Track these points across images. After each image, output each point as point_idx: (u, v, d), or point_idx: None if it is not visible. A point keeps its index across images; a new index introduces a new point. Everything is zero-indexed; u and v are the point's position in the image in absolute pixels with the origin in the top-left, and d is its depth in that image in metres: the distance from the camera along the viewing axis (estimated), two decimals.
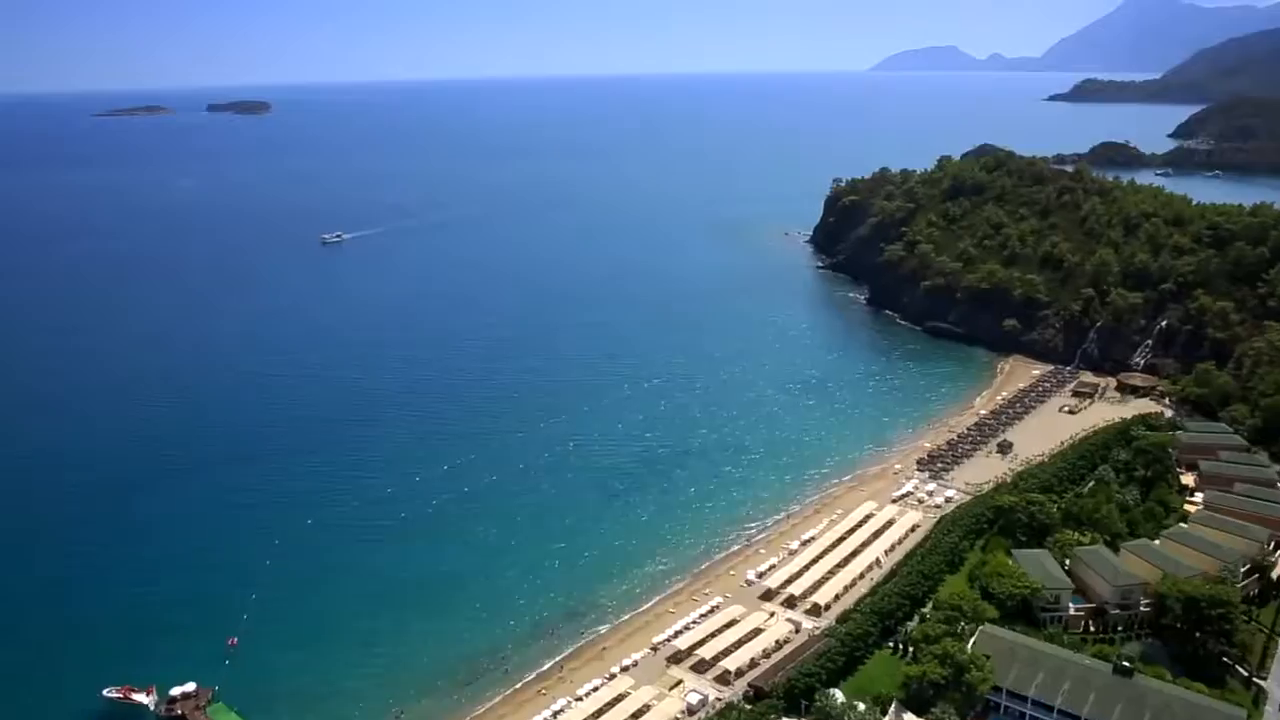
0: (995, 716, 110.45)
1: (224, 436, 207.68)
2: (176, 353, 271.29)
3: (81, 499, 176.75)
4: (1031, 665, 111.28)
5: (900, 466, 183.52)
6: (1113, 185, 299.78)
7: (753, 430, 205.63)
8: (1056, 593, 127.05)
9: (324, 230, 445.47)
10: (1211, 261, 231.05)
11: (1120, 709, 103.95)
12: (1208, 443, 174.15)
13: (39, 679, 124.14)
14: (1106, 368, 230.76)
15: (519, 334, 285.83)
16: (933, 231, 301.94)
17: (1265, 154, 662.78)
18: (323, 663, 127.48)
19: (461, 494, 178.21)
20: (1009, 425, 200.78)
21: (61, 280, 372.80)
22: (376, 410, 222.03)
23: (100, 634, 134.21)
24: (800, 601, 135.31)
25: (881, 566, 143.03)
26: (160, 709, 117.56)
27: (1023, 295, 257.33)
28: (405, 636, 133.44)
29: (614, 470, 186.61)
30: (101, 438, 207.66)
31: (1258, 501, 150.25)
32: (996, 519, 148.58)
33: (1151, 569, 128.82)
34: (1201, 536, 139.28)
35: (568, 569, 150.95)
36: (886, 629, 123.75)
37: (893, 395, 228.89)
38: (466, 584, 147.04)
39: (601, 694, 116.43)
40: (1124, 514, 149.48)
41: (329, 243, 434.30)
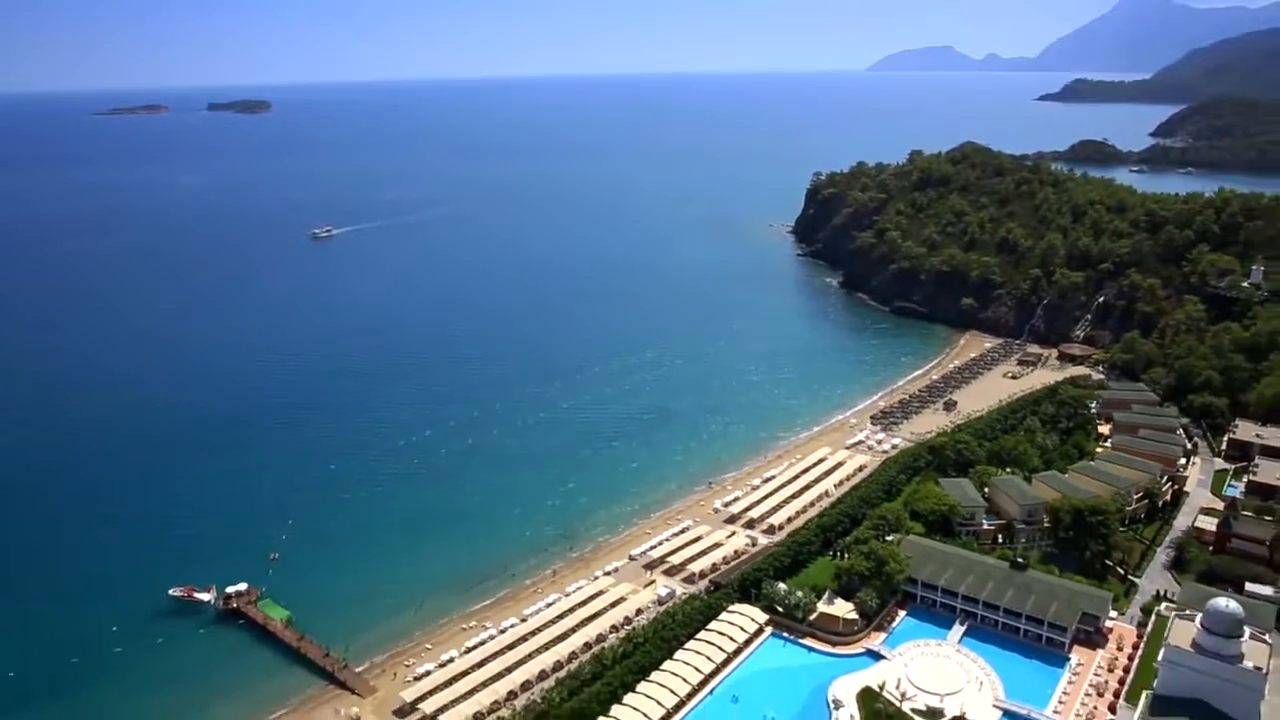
0: (912, 605, 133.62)
1: (251, 405, 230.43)
2: (192, 339, 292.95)
3: (144, 453, 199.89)
4: (943, 563, 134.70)
5: (856, 421, 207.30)
6: (1066, 177, 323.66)
7: (731, 397, 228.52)
8: (972, 510, 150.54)
9: (314, 225, 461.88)
10: (1144, 244, 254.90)
11: (1011, 593, 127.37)
12: (1125, 399, 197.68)
13: (120, 583, 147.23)
14: (1051, 340, 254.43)
15: (517, 319, 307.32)
16: (901, 220, 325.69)
17: (1236, 151, 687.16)
18: (350, 572, 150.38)
19: (466, 446, 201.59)
20: (957, 388, 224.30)
21: (75, 273, 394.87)
22: (381, 382, 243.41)
23: (166, 550, 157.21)
24: (758, 523, 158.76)
25: (830, 497, 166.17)
26: (218, 603, 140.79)
27: (979, 276, 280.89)
28: (420, 554, 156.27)
29: (604, 429, 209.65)
30: (152, 407, 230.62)
31: (1156, 444, 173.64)
32: (931, 457, 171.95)
33: (1055, 493, 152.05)
34: (1103, 469, 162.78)
35: (561, 505, 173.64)
36: (828, 540, 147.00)
37: (858, 366, 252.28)
38: (473, 516, 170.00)
39: (585, 590, 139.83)
40: (1043, 454, 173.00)
41: (319, 237, 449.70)
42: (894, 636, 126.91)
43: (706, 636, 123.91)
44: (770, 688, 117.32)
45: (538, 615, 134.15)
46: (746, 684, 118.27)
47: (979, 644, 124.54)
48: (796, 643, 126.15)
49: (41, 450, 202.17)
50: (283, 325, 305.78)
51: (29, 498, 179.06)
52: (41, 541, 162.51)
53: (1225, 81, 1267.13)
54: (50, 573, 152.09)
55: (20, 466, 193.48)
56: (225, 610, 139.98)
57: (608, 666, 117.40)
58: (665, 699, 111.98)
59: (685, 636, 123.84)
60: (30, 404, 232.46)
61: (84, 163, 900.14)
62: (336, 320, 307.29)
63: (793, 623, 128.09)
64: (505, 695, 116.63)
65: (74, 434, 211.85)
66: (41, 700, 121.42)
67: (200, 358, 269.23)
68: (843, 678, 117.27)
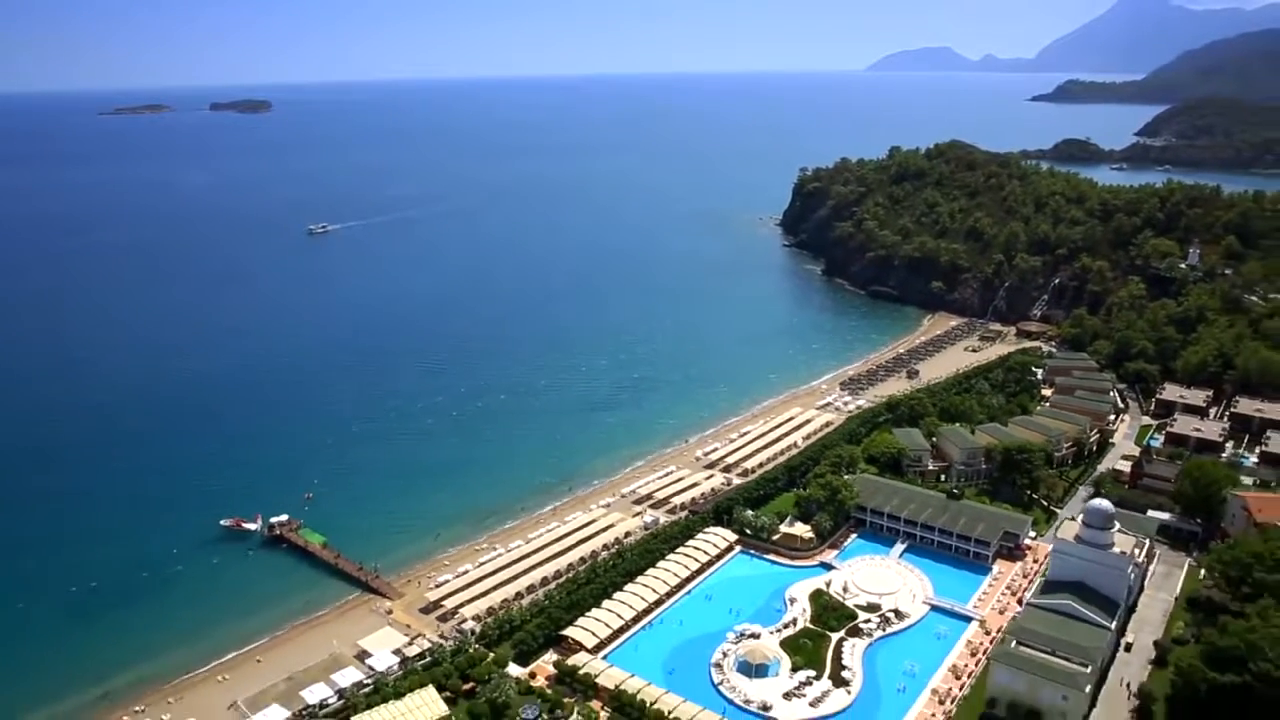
0: (862, 529, 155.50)
1: (273, 376, 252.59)
2: (209, 320, 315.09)
3: (189, 416, 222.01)
4: (890, 494, 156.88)
5: (827, 388, 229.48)
6: (1032, 171, 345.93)
7: (715, 369, 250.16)
8: (918, 453, 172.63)
9: (311, 221, 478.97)
10: (1096, 230, 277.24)
11: (946, 517, 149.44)
12: (1068, 366, 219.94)
13: (177, 516, 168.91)
14: (1011, 319, 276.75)
15: (518, 304, 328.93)
16: (878, 211, 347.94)
17: (1214, 150, 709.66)
18: (375, 510, 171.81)
19: (475, 408, 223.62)
20: (921, 360, 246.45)
21: (100, 261, 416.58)
22: (394, 358, 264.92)
23: (215, 492, 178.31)
24: (734, 467, 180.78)
25: (798, 448, 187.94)
26: (263, 531, 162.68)
27: (948, 262, 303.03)
28: (436, 495, 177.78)
29: (600, 395, 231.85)
30: (190, 377, 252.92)
31: (1089, 402, 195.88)
32: (889, 413, 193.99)
33: (994, 440, 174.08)
34: (1038, 421, 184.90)
35: (561, 456, 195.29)
36: (792, 478, 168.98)
37: (834, 342, 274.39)
38: (482, 465, 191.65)
39: (582, 519, 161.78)
40: (989, 412, 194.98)
41: (315, 233, 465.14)
42: (845, 553, 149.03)
43: (685, 551, 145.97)
44: (738, 590, 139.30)
45: (541, 539, 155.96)
46: (718, 587, 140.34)
47: (916, 558, 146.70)
48: (761, 557, 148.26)
49: (99, 413, 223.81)
50: (296, 310, 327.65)
51: (99, 450, 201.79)
52: (111, 485, 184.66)
53: (1216, 82, 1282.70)
54: (119, 510, 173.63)
55: (86, 427, 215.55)
56: (270, 537, 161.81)
57: (599, 574, 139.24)
58: (648, 596, 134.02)
59: (666, 551, 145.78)
60: (87, 375, 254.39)
61: (92, 161, 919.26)
62: (344, 308, 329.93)
63: (759, 541, 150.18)
64: (513, 595, 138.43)
65: (124, 400, 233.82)
66: (121, 605, 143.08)
67: (219, 336, 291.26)
68: (798, 582, 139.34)
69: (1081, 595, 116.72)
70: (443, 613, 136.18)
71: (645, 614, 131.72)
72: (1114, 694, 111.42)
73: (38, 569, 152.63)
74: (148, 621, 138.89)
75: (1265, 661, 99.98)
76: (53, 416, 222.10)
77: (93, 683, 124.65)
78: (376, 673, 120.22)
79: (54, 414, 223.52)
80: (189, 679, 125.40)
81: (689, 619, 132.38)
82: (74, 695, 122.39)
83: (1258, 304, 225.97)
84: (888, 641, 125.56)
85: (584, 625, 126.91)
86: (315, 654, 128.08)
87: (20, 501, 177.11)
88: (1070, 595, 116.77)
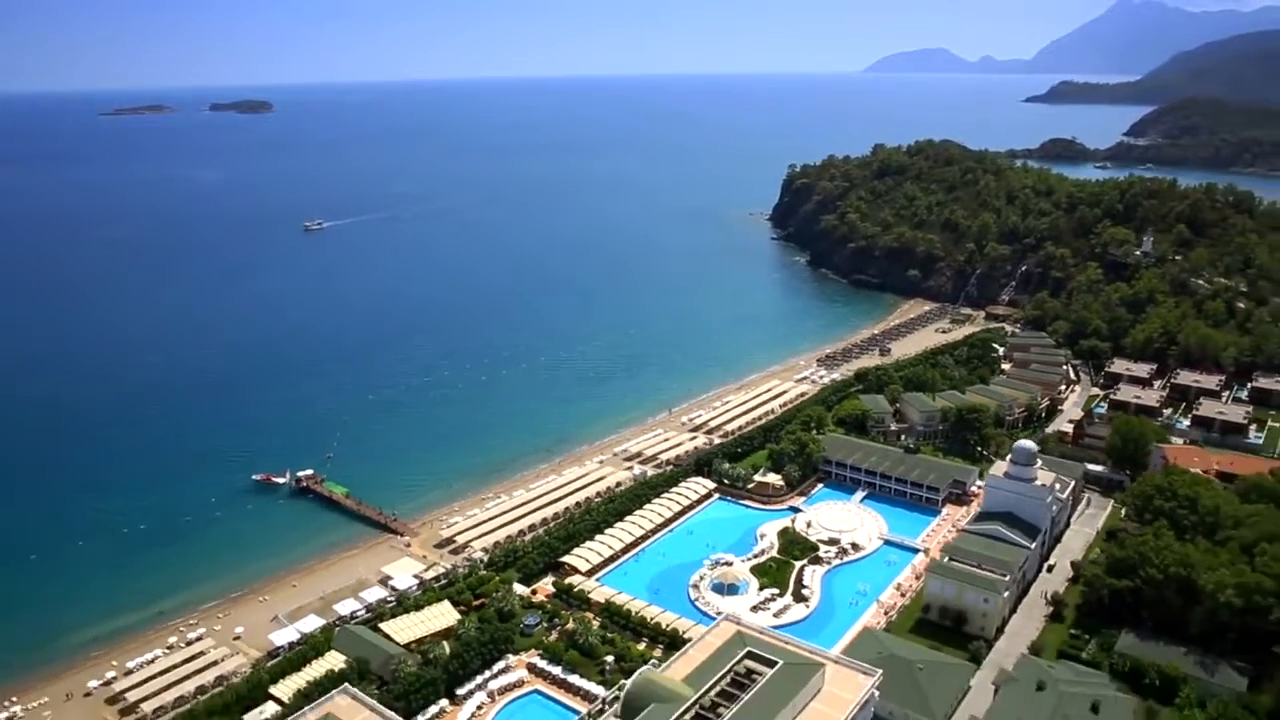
0: (828, 480, 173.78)
1: (295, 355, 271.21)
2: (216, 307, 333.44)
3: (215, 389, 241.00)
4: (853, 450, 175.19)
5: (805, 363, 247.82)
6: (1005, 166, 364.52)
7: (703, 349, 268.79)
8: (881, 415, 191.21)
9: (307, 218, 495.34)
10: (1061, 221, 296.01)
11: (901, 468, 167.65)
12: (1026, 343, 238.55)
13: (214, 472, 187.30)
14: (981, 303, 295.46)
15: (520, 292, 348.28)
16: (861, 204, 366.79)
17: (1195, 149, 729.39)
18: (390, 467, 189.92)
19: (480, 382, 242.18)
20: (894, 340, 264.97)
21: (118, 253, 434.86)
22: (402, 339, 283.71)
23: (246, 452, 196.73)
24: (715, 430, 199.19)
25: (775, 414, 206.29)
26: (291, 484, 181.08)
27: (924, 251, 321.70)
28: (446, 455, 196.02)
29: (597, 370, 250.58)
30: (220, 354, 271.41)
31: (1041, 373, 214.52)
32: (858, 383, 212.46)
33: (949, 404, 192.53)
34: (993, 390, 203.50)
35: (560, 421, 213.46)
36: (767, 438, 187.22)
37: (814, 325, 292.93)
38: (487, 430, 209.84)
39: (576, 472, 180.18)
40: (950, 382, 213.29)
41: (311, 230, 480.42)
42: (811, 499, 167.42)
43: (669, 496, 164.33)
44: (715, 529, 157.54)
45: (541, 488, 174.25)
46: (698, 526, 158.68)
47: (875, 503, 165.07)
48: (737, 502, 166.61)
49: (138, 388, 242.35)
50: (306, 299, 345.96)
51: (141, 419, 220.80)
52: (154, 447, 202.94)
53: (1208, 83, 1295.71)
54: (163, 468, 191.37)
55: (128, 400, 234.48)
56: (297, 489, 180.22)
57: (593, 513, 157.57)
58: (635, 531, 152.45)
59: (653, 496, 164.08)
60: (126, 355, 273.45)
61: (95, 160, 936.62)
62: (352, 296, 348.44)
63: (735, 489, 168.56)
64: (517, 533, 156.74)
65: (160, 376, 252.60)
66: (169, 543, 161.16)
67: (237, 320, 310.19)
68: (768, 522, 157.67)
69: (1008, 522, 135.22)
70: (455, 547, 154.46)
71: (633, 546, 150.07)
72: (1034, 603, 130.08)
73: (94, 515, 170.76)
74: (192, 556, 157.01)
75: (1151, 568, 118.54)
76: (102, 391, 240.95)
77: (149, 603, 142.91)
78: (398, 591, 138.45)
79: (102, 389, 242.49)
80: (234, 599, 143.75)
81: (671, 551, 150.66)
82: (134, 613, 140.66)
83: (1203, 286, 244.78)
84: (844, 568, 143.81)
85: (579, 554, 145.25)
86: (344, 579, 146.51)
87: (77, 460, 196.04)
88: (998, 521, 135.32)
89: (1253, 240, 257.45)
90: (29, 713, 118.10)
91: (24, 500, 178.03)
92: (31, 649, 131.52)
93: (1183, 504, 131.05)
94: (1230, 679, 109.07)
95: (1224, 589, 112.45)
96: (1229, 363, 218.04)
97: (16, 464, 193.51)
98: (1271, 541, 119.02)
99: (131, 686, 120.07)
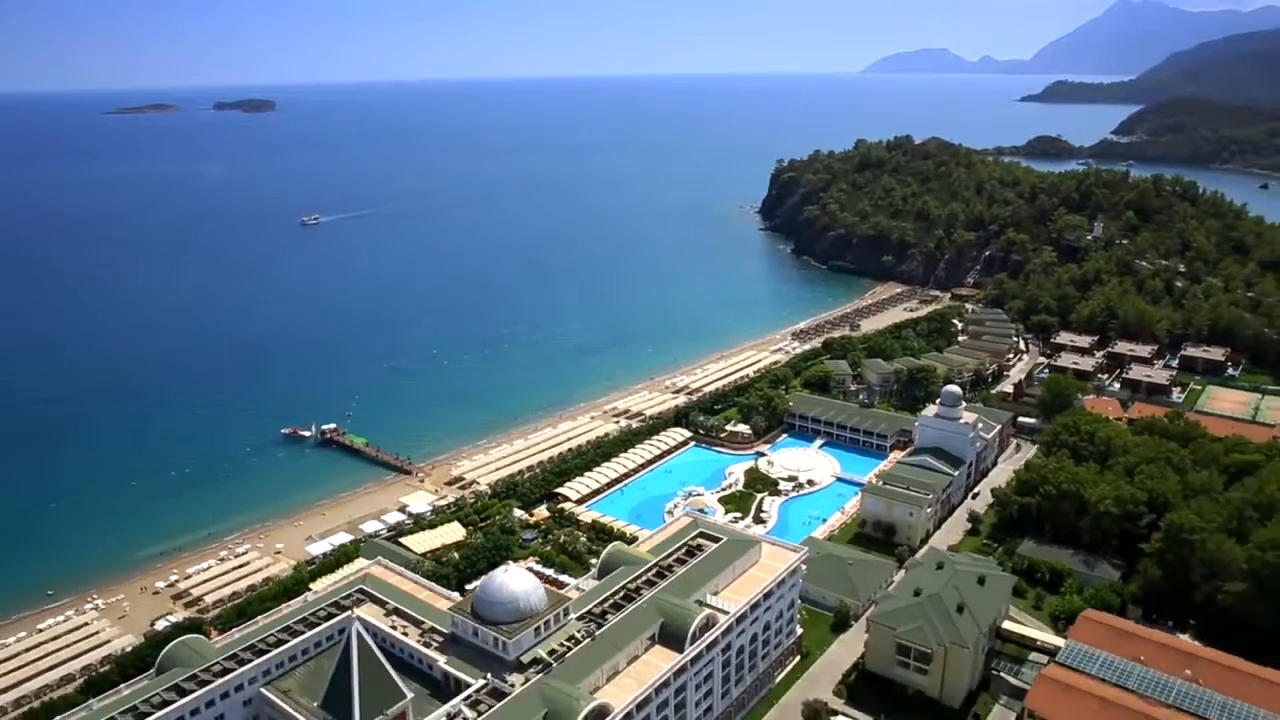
0: (791, 430, 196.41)
1: (313, 329, 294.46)
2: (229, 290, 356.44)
3: (242, 362, 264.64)
4: (815, 405, 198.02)
5: (780, 337, 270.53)
6: (978, 160, 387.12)
7: (689, 326, 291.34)
8: (842, 376, 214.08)
9: (304, 213, 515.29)
10: (1022, 209, 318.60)
11: (856, 419, 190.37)
12: (982, 318, 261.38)
13: (246, 426, 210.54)
14: (948, 286, 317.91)
15: (519, 282, 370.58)
16: (841, 196, 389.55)
17: (1175, 146, 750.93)
18: (402, 424, 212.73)
19: (484, 355, 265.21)
20: (865, 317, 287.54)
21: (142, 243, 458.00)
22: (410, 318, 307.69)
23: (274, 411, 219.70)
24: (696, 393, 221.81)
25: (749, 379, 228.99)
26: (316, 435, 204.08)
27: (898, 239, 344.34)
28: (459, 410, 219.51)
29: (591, 344, 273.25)
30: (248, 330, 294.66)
31: (992, 343, 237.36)
32: (825, 351, 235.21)
33: (904, 368, 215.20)
34: (946, 356, 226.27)
35: (557, 385, 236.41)
36: (740, 396, 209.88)
37: (793, 306, 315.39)
38: (492, 392, 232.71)
39: (569, 425, 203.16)
40: (909, 351, 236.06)
41: (307, 224, 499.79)
42: (776, 446, 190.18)
43: (651, 442, 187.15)
44: (690, 469, 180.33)
45: (538, 438, 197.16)
46: (675, 467, 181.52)
47: (831, 449, 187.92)
48: (710, 448, 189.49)
49: (174, 359, 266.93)
50: (316, 283, 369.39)
51: (179, 382, 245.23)
52: (192, 405, 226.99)
53: (1200, 83, 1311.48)
54: (202, 424, 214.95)
55: (166, 369, 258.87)
56: (322, 440, 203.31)
57: (584, 453, 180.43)
58: (620, 469, 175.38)
59: (637, 442, 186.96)
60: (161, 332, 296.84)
61: (106, 158, 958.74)
62: (360, 283, 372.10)
63: (709, 437, 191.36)
64: (517, 472, 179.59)
65: (193, 347, 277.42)
66: (210, 483, 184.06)
67: (259, 301, 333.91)
68: (737, 464, 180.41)
69: (936, 454, 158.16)
70: (463, 484, 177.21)
71: (618, 481, 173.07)
72: (958, 521, 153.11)
73: (142, 461, 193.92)
74: (233, 492, 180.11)
75: (1050, 486, 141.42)
76: (140, 362, 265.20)
77: (199, 528, 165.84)
78: (415, 515, 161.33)
79: (147, 358, 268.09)
80: (272, 525, 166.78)
81: (651, 486, 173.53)
82: (186, 535, 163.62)
83: (1145, 267, 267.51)
84: (800, 499, 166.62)
85: (571, 486, 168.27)
86: (367, 508, 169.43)
87: (128, 419, 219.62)
88: (927, 454, 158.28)
89: (1192, 225, 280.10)
90: (110, 605, 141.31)
91: (84, 450, 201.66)
92: (105, 562, 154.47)
93: (1083, 438, 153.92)
94: (1106, 572, 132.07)
95: (1105, 500, 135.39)
96: (1163, 334, 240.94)
97: (76, 422, 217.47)
98: (1149, 463, 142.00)
99: (192, 586, 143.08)
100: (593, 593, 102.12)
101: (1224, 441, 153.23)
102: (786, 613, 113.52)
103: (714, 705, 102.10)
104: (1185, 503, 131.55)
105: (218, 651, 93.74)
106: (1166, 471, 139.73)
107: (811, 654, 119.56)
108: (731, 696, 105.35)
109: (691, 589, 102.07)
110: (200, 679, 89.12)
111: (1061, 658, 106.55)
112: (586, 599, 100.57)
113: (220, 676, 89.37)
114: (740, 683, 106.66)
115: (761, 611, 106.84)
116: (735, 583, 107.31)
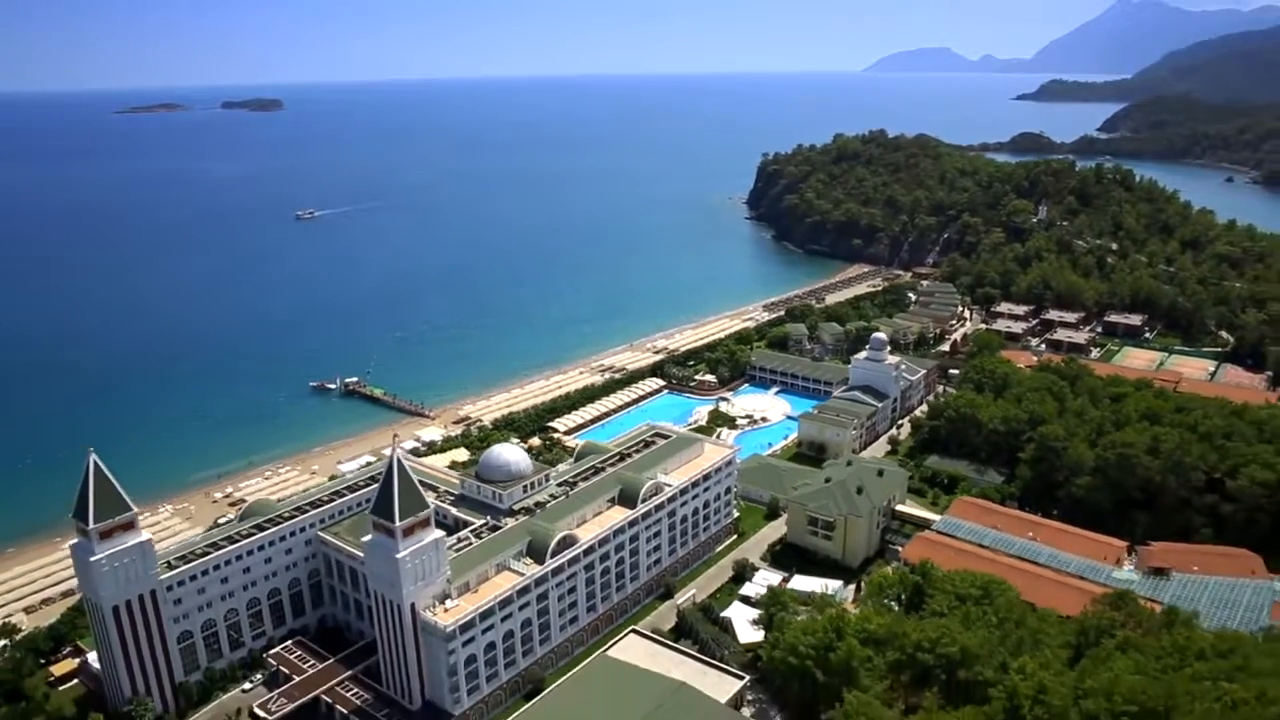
0: (752, 380, 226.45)
1: (328, 306, 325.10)
2: (239, 277, 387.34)
3: (278, 330, 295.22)
4: (773, 359, 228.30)
5: (752, 308, 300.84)
6: (946, 151, 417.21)
7: (673, 302, 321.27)
8: (799, 337, 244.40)
9: (299, 208, 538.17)
10: (977, 195, 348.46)
11: (807, 370, 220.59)
12: (933, 290, 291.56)
13: (278, 380, 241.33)
14: (910, 265, 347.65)
15: (518, 269, 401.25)
16: (819, 185, 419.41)
17: (1152, 143, 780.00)
18: (422, 375, 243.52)
19: (486, 325, 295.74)
20: (831, 292, 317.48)
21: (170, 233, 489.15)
22: (417, 297, 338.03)
23: (303, 368, 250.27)
24: (672, 353, 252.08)
25: (720, 340, 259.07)
26: (341, 388, 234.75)
27: (867, 224, 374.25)
28: (460, 370, 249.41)
29: (583, 316, 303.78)
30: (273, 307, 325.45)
31: (938, 311, 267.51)
32: (787, 316, 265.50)
33: (854, 329, 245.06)
34: (894, 321, 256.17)
35: (550, 348, 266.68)
36: (709, 353, 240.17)
37: (768, 284, 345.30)
38: (492, 357, 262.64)
39: (560, 378, 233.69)
40: (865, 318, 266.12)
41: (302, 218, 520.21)
42: (738, 392, 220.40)
43: (629, 390, 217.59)
44: (662, 410, 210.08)
45: (532, 388, 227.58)
46: (650, 409, 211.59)
47: (785, 395, 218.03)
48: (679, 394, 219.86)
49: (218, 327, 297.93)
50: (321, 270, 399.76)
51: (220, 348, 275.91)
52: (231, 366, 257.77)
53: (1192, 82, 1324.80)
54: (240, 380, 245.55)
55: (210, 338, 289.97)
56: (345, 391, 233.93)
57: (571, 398, 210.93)
58: (602, 409, 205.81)
59: (617, 389, 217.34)
60: (197, 309, 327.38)
61: (113, 156, 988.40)
62: (377, 264, 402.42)
63: (680, 386, 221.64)
64: (514, 411, 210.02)
65: (229, 318, 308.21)
66: (249, 424, 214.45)
67: (281, 281, 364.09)
68: (702, 406, 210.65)
69: (865, 390, 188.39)
70: (469, 421, 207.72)
71: (601, 419, 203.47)
72: (882, 445, 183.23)
73: (188, 407, 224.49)
74: (268, 431, 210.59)
75: (953, 411, 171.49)
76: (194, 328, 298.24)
77: (242, 457, 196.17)
78: (428, 442, 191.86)
79: (174, 333, 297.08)
80: (305, 454, 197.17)
81: (628, 423, 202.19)
82: (232, 462, 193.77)
83: (1080, 245, 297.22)
84: (754, 432, 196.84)
85: (560, 421, 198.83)
86: (388, 439, 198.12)
87: (172, 376, 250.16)
88: (858, 389, 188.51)
89: (1126, 209, 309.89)
90: (178, 510, 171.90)
91: (135, 397, 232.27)
92: (167, 481, 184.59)
93: (986, 375, 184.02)
94: (992, 477, 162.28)
95: (994, 420, 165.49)
96: (1091, 304, 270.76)
97: (126, 376, 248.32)
98: (1034, 392, 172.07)
99: (244, 495, 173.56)
100: (568, 469, 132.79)
101: (1106, 379, 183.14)
102: (724, 496, 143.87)
103: (662, 558, 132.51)
104: (1059, 420, 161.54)
105: (283, 506, 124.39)
106: (1047, 398, 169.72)
107: (746, 534, 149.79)
108: (678, 554, 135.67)
109: (645, 469, 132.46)
110: (275, 520, 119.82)
111: (936, 527, 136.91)
112: (564, 472, 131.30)
113: (288, 521, 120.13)
114: (685, 545, 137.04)
115: (701, 490, 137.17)
116: (682, 468, 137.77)
